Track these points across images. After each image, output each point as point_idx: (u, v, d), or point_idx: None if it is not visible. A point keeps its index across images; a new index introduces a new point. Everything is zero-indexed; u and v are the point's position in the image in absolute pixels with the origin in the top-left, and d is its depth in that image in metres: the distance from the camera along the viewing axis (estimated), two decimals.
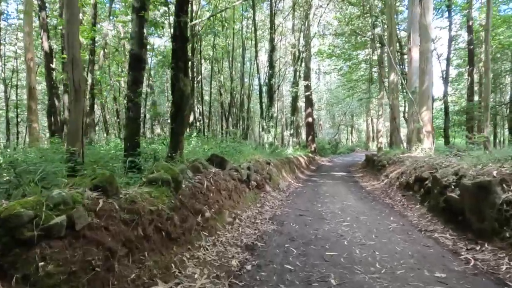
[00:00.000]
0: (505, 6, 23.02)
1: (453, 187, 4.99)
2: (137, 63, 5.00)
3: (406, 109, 18.05)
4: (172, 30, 6.13)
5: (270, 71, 18.15)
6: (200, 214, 3.86)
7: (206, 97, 31.88)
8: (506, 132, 30.25)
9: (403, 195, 7.26)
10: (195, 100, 25.16)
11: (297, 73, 19.44)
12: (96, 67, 11.57)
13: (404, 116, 14.86)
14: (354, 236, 4.63)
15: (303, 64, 19.67)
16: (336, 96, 32.11)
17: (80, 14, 10.33)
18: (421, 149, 9.95)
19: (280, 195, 7.93)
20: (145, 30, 5.34)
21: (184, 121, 4.77)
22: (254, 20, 16.68)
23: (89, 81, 10.13)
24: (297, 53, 20.52)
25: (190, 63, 19.09)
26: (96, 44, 13.59)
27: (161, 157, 4.85)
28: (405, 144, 15.51)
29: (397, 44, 15.37)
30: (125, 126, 5.47)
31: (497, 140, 31.84)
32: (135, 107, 4.89)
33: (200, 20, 16.14)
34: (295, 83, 18.99)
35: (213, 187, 4.60)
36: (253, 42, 19.46)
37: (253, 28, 19.06)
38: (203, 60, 25.07)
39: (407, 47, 11.88)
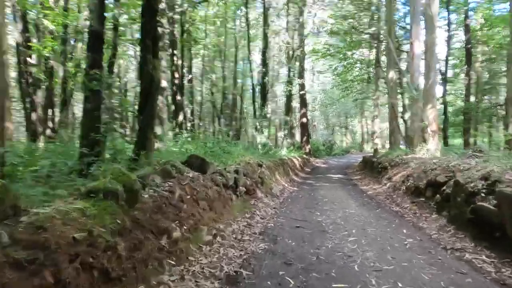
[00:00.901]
0: (500, 5, 22.35)
1: (483, 194, 4.04)
2: (97, 42, 3.99)
3: (406, 108, 17.24)
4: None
5: (264, 69, 17.19)
6: (165, 234, 2.85)
7: (199, 97, 30.91)
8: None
9: (413, 202, 6.31)
10: (186, 99, 24.15)
11: (291, 72, 18.50)
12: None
13: (402, 117, 14.00)
14: (365, 256, 3.66)
15: (297, 63, 18.74)
16: (331, 97, 31.30)
17: None
18: (426, 150, 9.05)
19: (273, 201, 6.93)
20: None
21: (154, 113, 3.78)
22: (246, 15, 15.70)
23: (61, 73, 9.04)
24: (291, 52, 19.60)
25: (181, 62, 18.10)
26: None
27: (122, 159, 3.83)
28: (402, 145, 14.73)
29: (396, 42, 14.53)
30: (81, 120, 4.44)
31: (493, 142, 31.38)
32: (94, 96, 3.87)
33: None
34: (289, 82, 18.04)
35: (189, 197, 3.59)
36: (247, 42, 18.53)
37: (246, 26, 18.12)
38: (194, 59, 24.08)
39: (409, 42, 11.02)
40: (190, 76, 19.68)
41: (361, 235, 4.56)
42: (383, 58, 24.47)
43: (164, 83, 8.68)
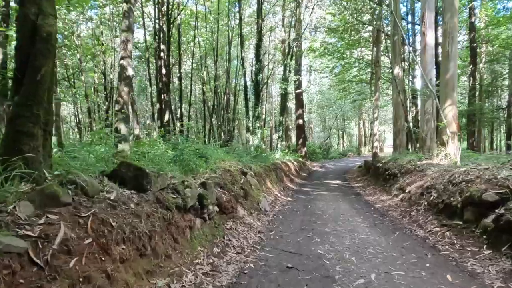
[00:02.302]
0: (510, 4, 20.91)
1: None
2: None
3: (409, 109, 15.70)
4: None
5: (257, 65, 15.56)
6: None
7: (192, 98, 29.15)
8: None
9: (444, 225, 4.66)
10: (175, 97, 22.45)
11: (287, 69, 16.87)
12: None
13: (406, 117, 12.38)
14: None
15: (293, 60, 17.11)
16: (328, 98, 29.72)
17: None
18: (444, 155, 7.43)
19: (259, 220, 5.26)
20: None
21: (42, 92, 2.11)
22: (239, 4, 14.10)
23: None
24: (287, 48, 17.99)
25: (166, 56, 16.40)
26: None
27: None
28: (403, 148, 13.12)
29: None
30: None
31: (494, 145, 29.92)
32: None
33: None
34: (284, 79, 16.40)
35: (89, 241, 1.91)
36: (239, 34, 16.89)
37: (239, 19, 16.50)
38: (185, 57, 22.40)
39: (420, 30, 9.45)
40: (179, 73, 17.98)
41: (385, 285, 2.91)
42: (383, 58, 23.03)
43: (130, 71, 6.98)
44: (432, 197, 5.60)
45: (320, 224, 5.41)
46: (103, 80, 20.52)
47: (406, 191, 6.96)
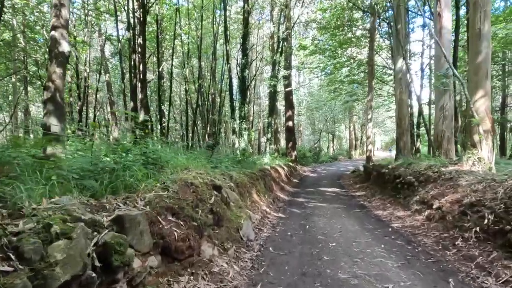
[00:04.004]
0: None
1: None
2: None
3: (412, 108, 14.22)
4: None
5: (243, 60, 13.74)
6: None
7: (176, 99, 27.05)
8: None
9: None
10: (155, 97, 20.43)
11: (276, 66, 15.09)
12: None
13: (410, 118, 10.73)
14: None
15: (283, 55, 15.36)
16: (318, 100, 28.12)
17: None
18: (478, 159, 5.71)
19: (237, 264, 3.36)
20: None
21: None
22: None
23: None
24: (276, 44, 16.25)
25: (140, 50, 14.42)
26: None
27: None
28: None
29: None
30: None
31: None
32: None
33: None
34: (274, 76, 14.61)
35: None
36: (223, 25, 15.05)
37: (223, 9, 14.66)
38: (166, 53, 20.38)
39: (434, 11, 7.81)
40: (158, 70, 15.95)
41: None
42: (376, 57, 21.56)
43: (64, 45, 5.03)
44: (486, 220, 3.83)
45: (329, 263, 3.56)
46: (76, 78, 18.33)
47: (434, 206, 5.20)
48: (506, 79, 22.14)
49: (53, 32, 4.99)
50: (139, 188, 2.95)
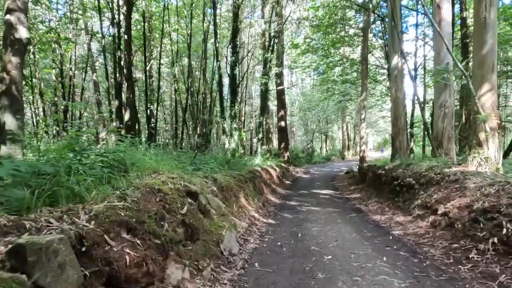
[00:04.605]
0: None
1: None
2: None
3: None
4: None
5: (233, 58, 13.14)
6: None
7: (168, 100, 26.24)
8: None
9: None
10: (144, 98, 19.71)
11: (268, 64, 14.52)
12: None
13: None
14: None
15: (274, 53, 14.80)
16: (311, 100, 27.63)
17: None
18: (485, 159, 5.21)
19: (214, 287, 2.74)
20: None
21: None
22: None
23: None
24: (267, 41, 15.68)
25: (126, 45, 13.74)
26: None
27: None
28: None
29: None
30: None
31: None
32: None
33: None
34: (265, 74, 14.03)
35: None
36: (212, 20, 14.43)
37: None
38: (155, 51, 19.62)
39: (433, 2, 7.32)
40: (145, 68, 15.23)
41: None
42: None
43: (22, 32, 4.38)
44: (505, 230, 3.29)
45: (324, 283, 2.98)
46: (60, 78, 17.48)
47: (439, 212, 4.66)
48: (498, 79, 21.98)
49: (8, 16, 4.33)
50: (87, 198, 2.32)
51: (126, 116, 12.66)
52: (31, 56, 16.18)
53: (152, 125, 17.64)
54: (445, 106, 7.00)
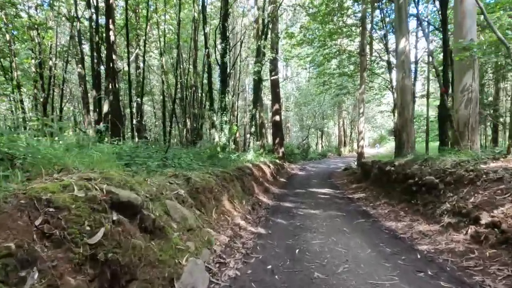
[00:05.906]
0: None
1: None
2: None
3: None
4: None
5: (223, 45, 11.81)
6: None
7: (157, 94, 24.78)
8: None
9: None
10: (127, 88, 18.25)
11: (261, 51, 13.21)
12: None
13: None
14: None
15: (268, 40, 13.49)
16: (306, 95, 26.36)
17: None
18: None
19: None
20: None
21: None
22: None
23: None
24: (261, 27, 14.36)
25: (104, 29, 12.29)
26: None
27: None
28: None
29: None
30: None
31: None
32: None
33: None
34: (258, 61, 12.72)
35: None
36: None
37: None
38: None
39: None
40: (128, 57, 13.80)
41: None
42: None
43: None
44: None
45: None
46: (39, 68, 15.97)
47: (483, 221, 3.44)
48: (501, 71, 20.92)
49: None
50: None
51: (105, 108, 11.28)
52: (8, 45, 14.66)
53: (138, 119, 16.29)
54: (469, 90, 5.79)
